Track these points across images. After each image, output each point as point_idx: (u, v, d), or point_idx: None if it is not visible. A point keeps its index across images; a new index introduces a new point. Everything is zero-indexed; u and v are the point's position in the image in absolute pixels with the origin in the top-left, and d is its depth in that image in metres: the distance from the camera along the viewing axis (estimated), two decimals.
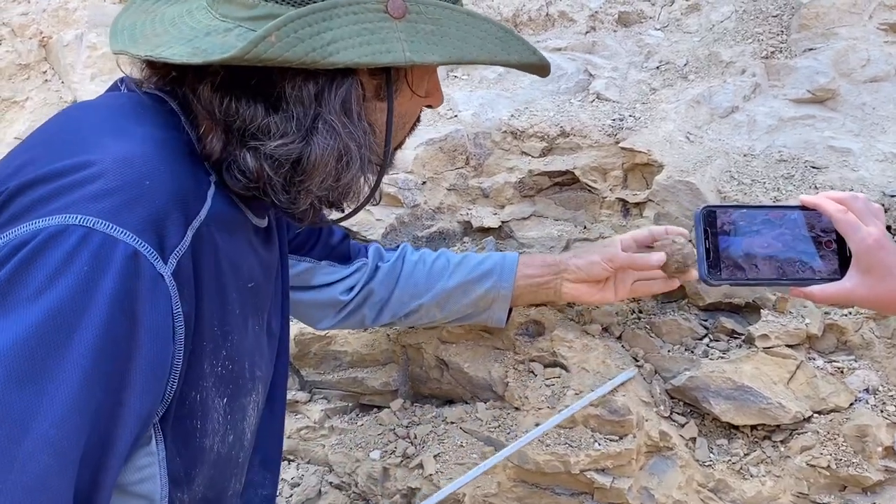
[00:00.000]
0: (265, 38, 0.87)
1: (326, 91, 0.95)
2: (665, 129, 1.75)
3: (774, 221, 1.17)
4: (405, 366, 1.74)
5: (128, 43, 0.99)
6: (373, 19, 0.94)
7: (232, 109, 0.94)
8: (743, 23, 1.97)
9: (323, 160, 0.96)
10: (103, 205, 0.86)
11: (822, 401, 1.45)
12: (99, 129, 0.96)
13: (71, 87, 2.15)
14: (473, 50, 1.00)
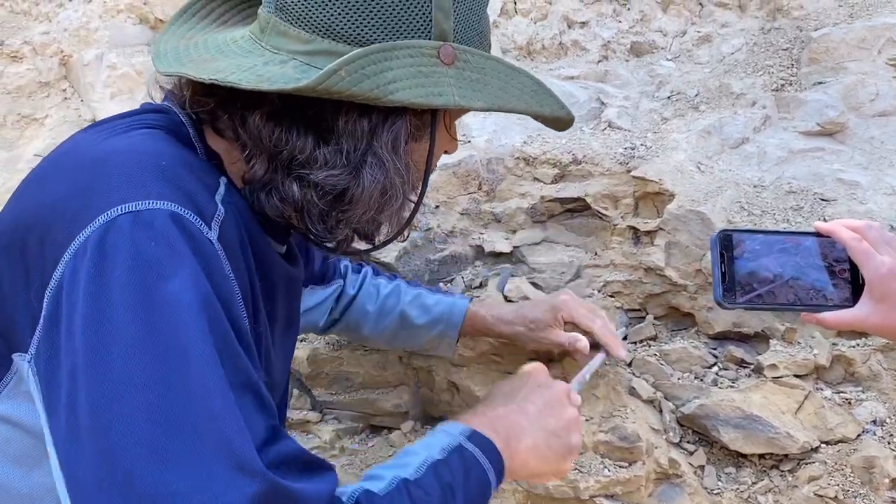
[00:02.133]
0: (336, 72, 0.91)
1: (380, 127, 0.99)
2: (676, 158, 1.78)
3: (789, 247, 1.18)
4: (416, 388, 1.75)
5: (176, 66, 1.01)
6: (426, 63, 0.98)
7: (282, 138, 0.98)
8: (754, 55, 2.00)
9: (369, 193, 0.99)
10: (129, 187, 0.88)
11: (830, 431, 1.46)
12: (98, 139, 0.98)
13: (90, 106, 2.18)
14: (512, 100, 1.06)
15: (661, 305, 1.72)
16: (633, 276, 1.72)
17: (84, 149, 0.99)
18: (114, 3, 2.27)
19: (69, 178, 0.94)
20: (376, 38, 0.97)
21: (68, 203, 0.90)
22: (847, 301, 1.15)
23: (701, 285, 1.64)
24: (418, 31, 0.99)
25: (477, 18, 1.05)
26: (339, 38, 0.97)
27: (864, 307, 1.12)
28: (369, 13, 0.97)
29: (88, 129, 1.09)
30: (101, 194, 0.88)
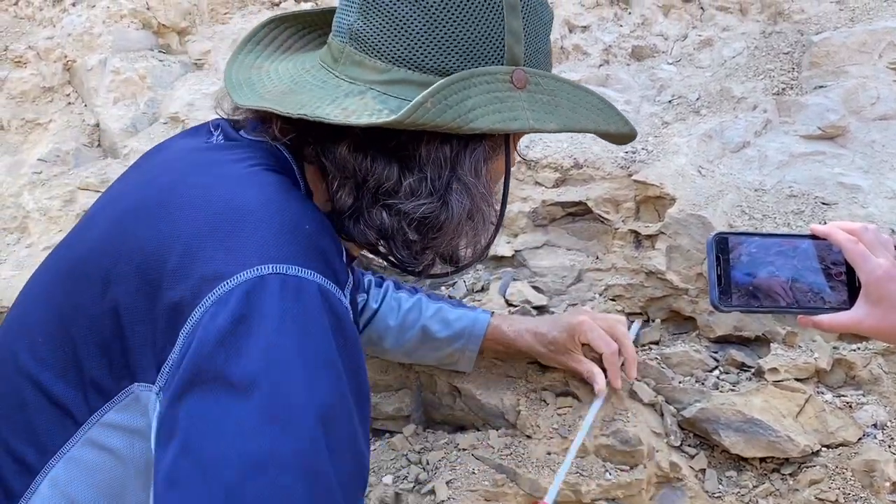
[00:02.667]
0: (423, 104, 0.93)
1: (462, 154, 1.01)
2: (677, 162, 1.78)
3: (785, 250, 1.19)
4: (418, 392, 1.76)
5: (255, 99, 1.03)
6: (501, 89, 1.01)
7: (369, 168, 1.00)
8: (755, 59, 2.01)
9: (457, 219, 1.02)
10: (278, 248, 0.89)
11: (831, 435, 1.47)
12: (224, 179, 0.99)
13: (94, 111, 2.19)
14: (582, 119, 1.09)
15: (663, 309, 1.72)
16: (635, 279, 1.72)
17: (207, 185, 0.97)
18: (117, 9, 2.28)
19: (201, 216, 0.93)
20: (451, 66, 0.99)
21: (204, 244, 0.90)
22: (844, 304, 1.15)
23: (702, 289, 1.64)
24: (492, 58, 1.01)
25: (544, 41, 1.08)
26: (416, 66, 1.00)
27: (860, 310, 1.12)
28: (444, 42, 0.99)
29: (195, 145, 1.09)
30: (248, 248, 0.89)
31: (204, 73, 2.25)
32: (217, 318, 0.85)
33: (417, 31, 0.99)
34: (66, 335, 0.99)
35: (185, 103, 2.12)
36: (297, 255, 0.90)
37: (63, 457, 0.99)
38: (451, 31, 0.99)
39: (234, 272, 0.87)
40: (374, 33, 1.00)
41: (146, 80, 2.19)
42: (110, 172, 2.04)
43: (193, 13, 2.33)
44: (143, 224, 0.98)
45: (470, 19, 0.99)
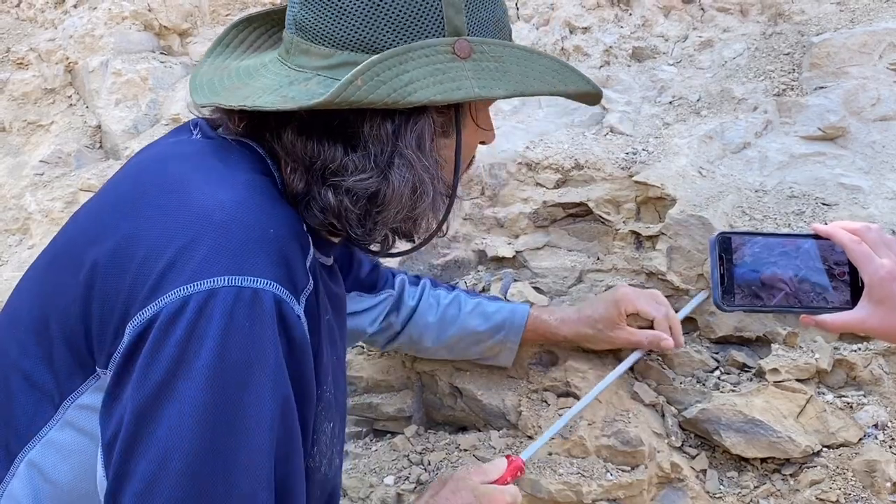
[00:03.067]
0: (352, 83, 0.94)
1: (403, 128, 1.02)
2: (678, 163, 1.78)
3: (788, 250, 1.19)
4: (419, 392, 1.76)
5: (210, 96, 1.07)
6: (443, 60, 1.01)
7: (314, 150, 1.02)
8: (755, 60, 2.01)
9: (399, 192, 1.03)
10: (240, 259, 0.93)
11: (832, 435, 1.47)
12: (197, 178, 1.01)
13: (95, 112, 2.19)
14: (534, 83, 1.08)
15: None
16: (636, 280, 1.72)
17: (185, 183, 1.00)
18: (118, 10, 2.29)
19: (173, 214, 0.96)
20: (393, 43, 1.00)
21: (170, 244, 0.94)
22: (847, 303, 1.15)
23: (703, 290, 1.64)
24: (432, 31, 1.02)
25: (490, 8, 1.07)
26: (358, 48, 1.01)
27: (863, 310, 1.12)
28: (381, 20, 1.00)
29: (174, 143, 1.12)
30: (209, 256, 0.92)
31: None
32: (169, 328, 0.89)
33: (354, 13, 1.00)
34: (45, 321, 1.03)
35: (186, 105, 2.12)
36: (256, 265, 0.93)
37: (41, 440, 1.02)
38: (387, 9, 1.00)
39: (191, 279, 0.90)
40: (316, 20, 1.03)
41: (147, 81, 2.20)
42: (111, 174, 2.04)
43: (195, 15, 2.34)
44: (119, 217, 1.01)
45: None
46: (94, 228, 1.03)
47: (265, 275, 0.93)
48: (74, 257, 1.02)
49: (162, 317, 0.90)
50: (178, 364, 0.89)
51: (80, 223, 1.09)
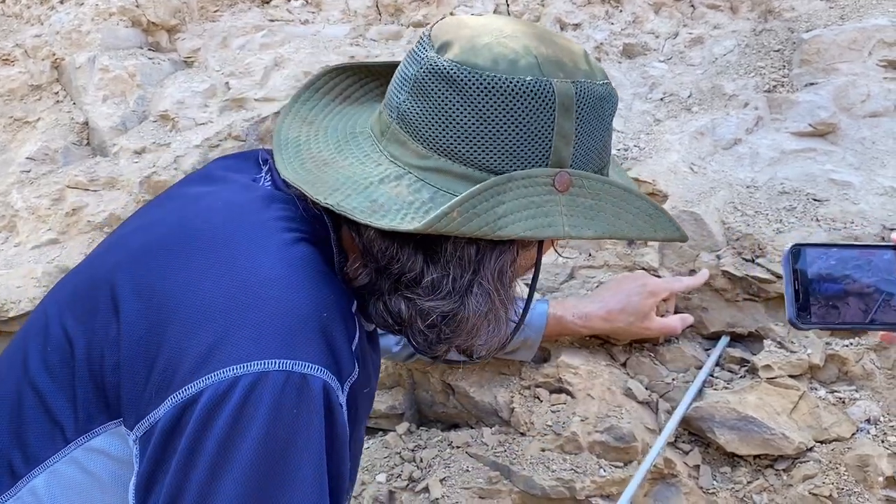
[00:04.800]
0: (448, 214, 0.92)
1: (487, 257, 1.00)
2: (669, 159, 1.78)
3: (865, 262, 1.12)
4: (411, 389, 1.75)
5: (297, 167, 1.03)
6: (540, 192, 0.98)
7: (393, 254, 0.99)
8: (745, 56, 2.01)
9: (473, 321, 1.01)
10: (291, 342, 0.90)
11: (825, 431, 1.47)
12: (251, 241, 0.98)
13: (83, 109, 2.17)
14: (625, 226, 1.06)
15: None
16: None
17: (237, 249, 0.97)
18: (105, 6, 2.26)
19: (222, 283, 0.93)
20: (492, 163, 0.97)
21: (218, 316, 0.91)
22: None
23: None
24: (537, 160, 0.98)
25: (598, 138, 1.04)
26: (456, 158, 0.98)
27: None
28: (488, 141, 0.97)
29: (232, 195, 1.07)
30: (260, 336, 0.90)
31: (194, 71, 2.23)
32: (215, 409, 0.87)
33: (462, 126, 0.97)
34: (72, 351, 1.00)
35: (175, 101, 2.10)
36: (307, 350, 0.91)
37: (47, 469, 1.00)
38: (496, 130, 0.97)
39: (241, 360, 0.88)
40: (420, 119, 0.99)
41: (135, 77, 2.18)
42: (99, 171, 2.02)
43: (183, 11, 2.32)
44: (165, 266, 0.97)
45: (517, 119, 0.96)
46: (138, 272, 0.99)
47: (315, 360, 0.91)
48: (109, 298, 0.98)
49: (207, 396, 0.88)
50: (225, 448, 0.87)
51: (120, 255, 1.04)
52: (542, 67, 0.97)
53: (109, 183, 2.01)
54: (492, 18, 1.05)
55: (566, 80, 0.98)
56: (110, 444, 0.97)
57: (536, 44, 0.99)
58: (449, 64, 0.97)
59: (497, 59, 0.96)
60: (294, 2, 2.35)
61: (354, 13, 2.30)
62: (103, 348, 0.97)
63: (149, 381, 0.92)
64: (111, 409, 0.97)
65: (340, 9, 2.32)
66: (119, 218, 1.95)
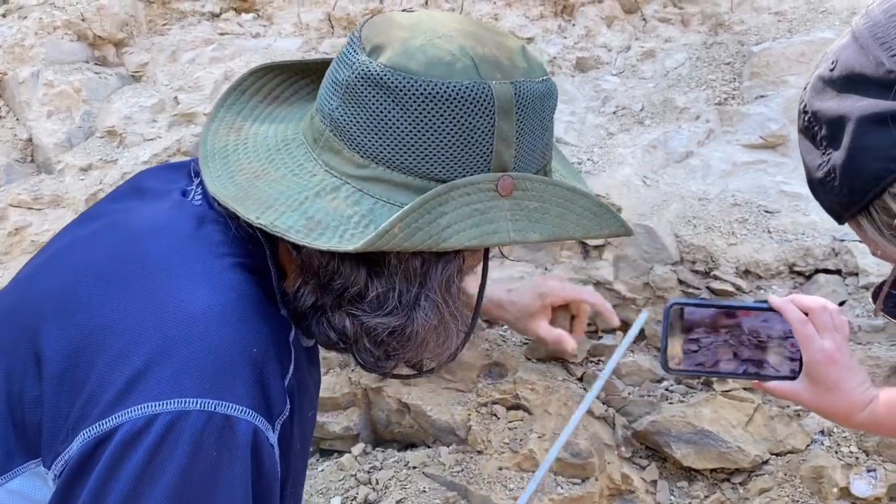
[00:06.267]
0: (389, 231, 0.88)
1: (433, 269, 0.96)
2: (622, 172, 1.79)
3: (740, 319, 1.22)
4: (367, 409, 1.72)
5: (226, 182, 0.98)
6: (483, 199, 0.95)
7: (335, 270, 0.95)
8: (696, 70, 2.03)
9: (422, 335, 0.97)
10: (216, 381, 0.86)
11: (780, 443, 1.47)
12: (182, 270, 0.93)
13: (26, 125, 2.11)
14: (570, 226, 1.02)
15: None
16: None
17: (167, 272, 0.92)
18: (50, 20, 2.21)
19: (149, 310, 0.89)
20: (432, 171, 0.93)
21: (141, 347, 0.86)
22: (793, 372, 1.19)
23: (649, 298, 1.64)
24: (478, 164, 0.94)
25: (539, 137, 1.00)
26: (394, 167, 0.94)
27: (801, 384, 1.17)
28: (426, 148, 0.93)
29: (170, 208, 1.02)
30: (182, 371, 0.85)
31: (142, 86, 2.19)
32: (130, 446, 0.83)
33: (399, 134, 0.93)
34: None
35: (122, 116, 2.06)
36: (233, 390, 0.86)
37: None
38: (434, 137, 0.92)
39: (161, 397, 0.84)
40: (355, 127, 0.95)
41: (81, 93, 2.12)
42: (44, 189, 1.97)
43: (131, 24, 2.27)
44: (92, 295, 0.92)
45: (455, 126, 0.92)
46: (63, 292, 0.94)
47: (241, 402, 0.86)
48: (37, 322, 0.93)
49: (122, 433, 0.82)
50: (135, 490, 0.82)
51: (52, 271, 0.99)
52: (480, 69, 0.93)
53: (54, 201, 1.96)
54: (424, 15, 1.00)
55: (504, 82, 0.94)
56: (30, 485, 0.92)
57: (472, 43, 0.94)
58: (382, 69, 0.92)
59: (432, 62, 0.92)
60: (245, 15, 2.32)
61: (307, 26, 2.27)
62: (23, 382, 0.91)
63: (69, 416, 0.87)
64: (30, 447, 0.91)
65: (292, 22, 2.29)
66: None
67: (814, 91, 0.85)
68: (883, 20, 0.78)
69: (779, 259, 1.61)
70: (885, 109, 0.76)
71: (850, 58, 0.80)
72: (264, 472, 0.90)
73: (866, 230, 0.84)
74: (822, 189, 0.87)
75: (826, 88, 0.83)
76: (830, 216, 0.89)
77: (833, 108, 0.81)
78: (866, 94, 0.78)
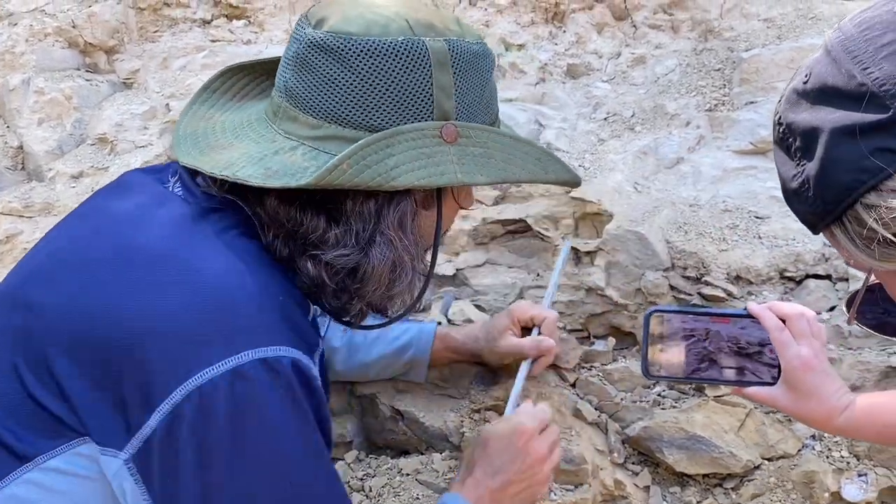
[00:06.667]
0: (338, 167, 0.97)
1: (385, 208, 1.05)
2: (614, 179, 1.79)
3: (719, 325, 1.25)
4: (360, 416, 1.72)
5: (196, 155, 1.07)
6: (429, 144, 1.04)
7: (297, 218, 1.04)
8: (687, 76, 2.04)
9: (378, 270, 1.05)
10: (257, 332, 0.96)
11: (771, 448, 1.48)
12: (191, 249, 1.01)
13: (17, 133, 2.11)
14: (516, 170, 1.10)
15: (603, 325, 1.72)
16: (575, 296, 1.72)
17: (177, 254, 0.99)
18: (41, 27, 2.21)
19: (174, 290, 0.96)
20: (379, 122, 1.02)
21: (180, 326, 0.95)
22: (772, 378, 1.22)
23: (641, 304, 1.65)
24: (421, 114, 1.04)
25: (479, 93, 1.09)
26: (346, 123, 1.03)
27: (779, 390, 1.20)
28: (372, 100, 1.02)
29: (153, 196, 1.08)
30: (225, 334, 0.94)
31: (133, 93, 2.19)
32: (208, 411, 0.92)
33: (345, 90, 1.02)
34: (16, 373, 0.99)
35: (113, 123, 2.06)
36: (275, 335, 0.97)
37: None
38: (377, 90, 1.01)
39: (219, 358, 0.93)
40: (306, 91, 1.04)
41: (72, 100, 2.12)
42: (35, 196, 1.96)
43: (122, 31, 2.27)
44: (101, 286, 0.98)
45: (395, 78, 1.02)
46: (71, 296, 0.99)
47: (283, 342, 0.96)
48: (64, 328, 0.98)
49: (193, 402, 0.92)
50: (233, 442, 0.94)
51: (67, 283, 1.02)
52: (414, 29, 1.03)
53: (45, 209, 1.95)
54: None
55: (438, 39, 1.04)
56: (69, 463, 0.97)
57: (406, 10, 1.05)
58: (325, 35, 1.02)
59: (369, 25, 1.02)
60: (236, 22, 2.32)
61: None
62: (43, 376, 0.97)
63: (125, 402, 0.94)
64: (69, 430, 0.97)
65: (284, 28, 2.29)
66: None
67: (788, 103, 0.87)
68: (855, 34, 0.79)
69: (769, 265, 1.61)
70: (855, 122, 0.78)
71: (823, 71, 0.82)
72: (318, 400, 1.02)
73: (840, 240, 0.85)
74: (796, 200, 0.88)
75: (800, 101, 0.84)
76: (805, 226, 0.91)
77: (807, 119, 0.83)
78: (839, 107, 0.80)
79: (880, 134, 0.76)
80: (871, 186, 0.78)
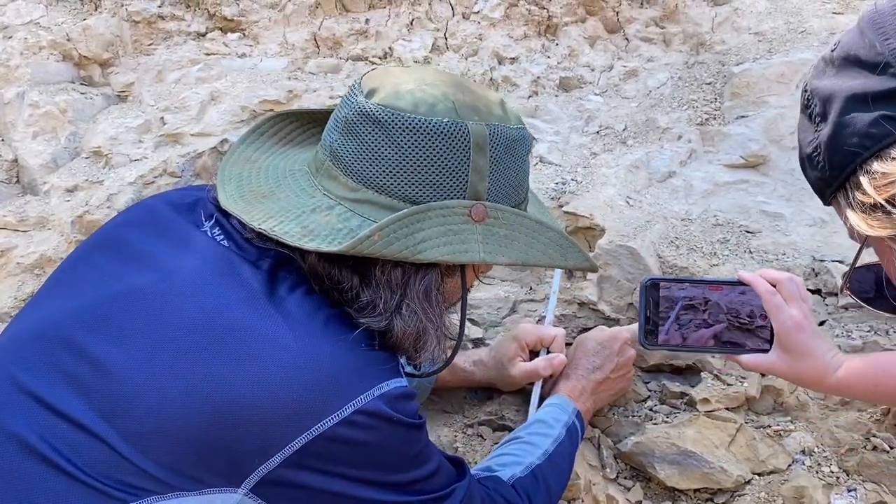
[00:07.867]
0: (369, 237, 1.03)
1: (412, 280, 1.10)
2: (606, 193, 1.80)
3: (714, 294, 1.28)
4: None
5: (237, 199, 1.13)
6: (457, 222, 1.09)
7: (336, 275, 1.09)
8: (678, 89, 2.05)
9: (403, 339, 1.10)
10: (370, 376, 1.05)
11: (762, 463, 1.49)
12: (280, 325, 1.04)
13: (12, 146, 2.11)
14: (537, 255, 1.16)
15: None
16: (568, 310, 1.73)
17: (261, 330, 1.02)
18: (35, 40, 2.21)
19: (285, 382, 1.01)
20: (414, 195, 1.08)
21: (303, 398, 1.01)
22: (766, 345, 1.26)
23: (633, 318, 1.66)
24: (454, 192, 1.09)
25: (512, 175, 1.14)
26: (382, 191, 1.08)
27: (774, 354, 1.24)
28: (410, 175, 1.07)
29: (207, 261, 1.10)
30: (339, 391, 1.02)
31: (128, 106, 2.19)
32: (353, 435, 1.02)
33: (386, 161, 1.07)
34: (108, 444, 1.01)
35: (108, 137, 2.06)
36: (379, 373, 1.05)
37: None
38: (417, 166, 1.07)
39: (334, 410, 1.01)
40: (350, 155, 1.10)
41: (67, 113, 2.13)
42: (29, 210, 1.96)
43: (116, 44, 2.28)
44: (223, 365, 1.01)
45: (435, 156, 1.07)
46: (158, 379, 1.00)
47: (387, 377, 1.05)
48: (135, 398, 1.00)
49: (338, 431, 1.01)
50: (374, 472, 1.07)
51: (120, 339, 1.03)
52: (459, 111, 1.09)
53: (40, 223, 1.95)
54: (417, 69, 1.18)
55: (480, 123, 1.09)
56: None
57: (454, 91, 1.11)
58: (375, 107, 1.08)
59: (418, 103, 1.08)
60: (231, 35, 2.33)
61: (292, 46, 2.29)
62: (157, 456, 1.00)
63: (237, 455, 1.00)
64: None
65: (278, 42, 2.30)
66: (50, 259, 1.90)
67: (815, 70, 0.90)
68: (887, 9, 0.83)
69: None
70: (868, 89, 0.80)
71: (850, 41, 0.85)
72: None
73: (843, 209, 0.87)
74: (809, 165, 0.91)
75: (826, 68, 0.87)
76: (817, 195, 0.93)
77: (827, 86, 0.86)
78: (857, 75, 0.83)
79: (891, 101, 0.79)
80: (874, 153, 0.80)
